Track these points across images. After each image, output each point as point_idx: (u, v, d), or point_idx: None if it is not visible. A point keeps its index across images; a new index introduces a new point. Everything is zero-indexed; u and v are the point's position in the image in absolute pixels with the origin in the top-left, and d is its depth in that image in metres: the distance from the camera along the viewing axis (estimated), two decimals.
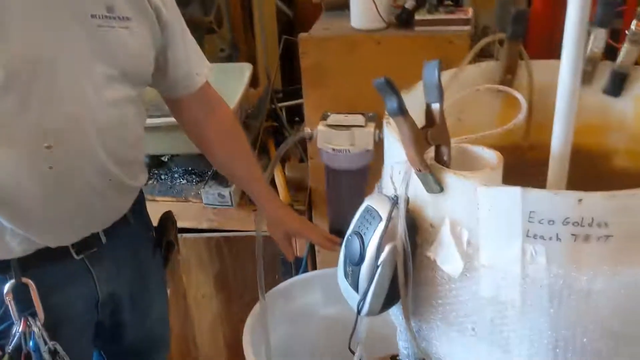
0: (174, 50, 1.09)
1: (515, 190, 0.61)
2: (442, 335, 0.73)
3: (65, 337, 1.07)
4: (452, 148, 0.69)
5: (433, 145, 0.66)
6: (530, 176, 0.67)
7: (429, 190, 0.67)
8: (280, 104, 1.78)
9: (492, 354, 0.70)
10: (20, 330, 1.00)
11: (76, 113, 0.93)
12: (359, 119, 1.31)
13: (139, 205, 1.20)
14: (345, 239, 0.74)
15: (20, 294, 1.00)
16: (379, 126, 1.32)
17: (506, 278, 0.64)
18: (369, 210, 0.72)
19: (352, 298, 0.75)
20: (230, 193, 1.52)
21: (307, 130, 1.35)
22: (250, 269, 1.68)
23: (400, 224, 0.69)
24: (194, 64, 1.15)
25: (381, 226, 0.69)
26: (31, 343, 1.01)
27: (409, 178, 0.68)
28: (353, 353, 0.83)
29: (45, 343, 1.02)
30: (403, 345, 0.80)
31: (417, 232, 0.71)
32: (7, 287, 0.99)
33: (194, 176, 1.70)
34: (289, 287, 1.54)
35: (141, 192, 1.19)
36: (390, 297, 0.73)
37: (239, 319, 1.75)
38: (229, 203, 1.54)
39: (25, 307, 1.01)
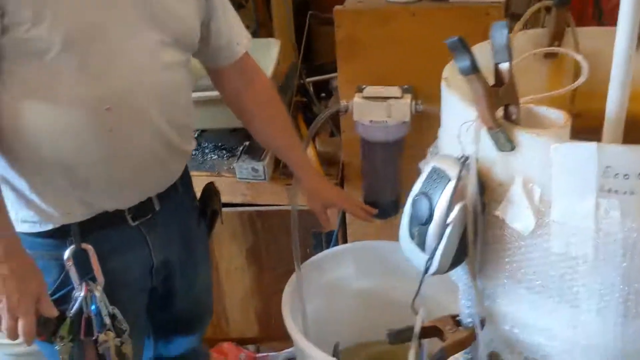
0: (217, 19, 1.12)
1: (592, 146, 0.62)
2: (509, 293, 0.75)
3: (121, 303, 1.10)
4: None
5: (504, 104, 0.67)
6: None
7: (500, 148, 0.68)
8: (308, 79, 1.78)
9: (559, 309, 0.72)
10: (82, 294, 1.02)
11: (132, 76, 0.97)
12: (395, 90, 1.32)
13: (186, 173, 1.22)
14: (411, 200, 0.76)
15: (80, 259, 1.03)
16: (415, 98, 1.33)
17: (579, 233, 0.66)
18: (436, 171, 0.73)
19: (418, 258, 0.76)
20: (263, 167, 1.53)
21: (343, 102, 1.35)
22: (283, 242, 1.69)
23: (471, 182, 0.70)
24: (235, 34, 1.17)
25: (451, 186, 0.70)
26: (93, 307, 1.03)
27: (479, 137, 0.69)
28: (416, 314, 0.84)
29: (106, 307, 1.04)
30: (465, 305, 0.81)
31: (484, 192, 0.72)
32: (67, 252, 1.02)
33: (224, 151, 1.71)
34: (322, 260, 1.56)
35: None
36: (458, 256, 0.74)
37: (270, 291, 1.77)
38: (262, 177, 1.55)
39: (84, 272, 1.04)
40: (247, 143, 1.61)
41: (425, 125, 1.41)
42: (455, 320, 0.84)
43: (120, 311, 1.09)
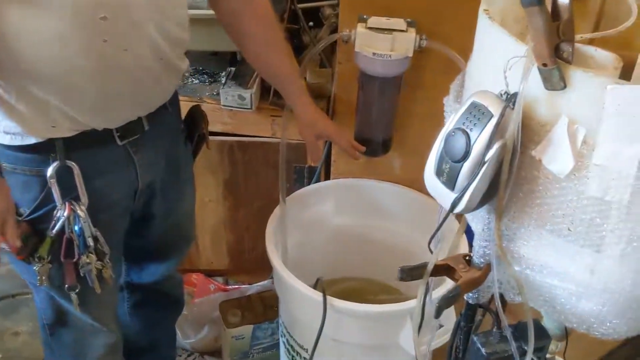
0: None
1: None
2: (532, 235, 0.75)
3: (104, 225, 1.06)
4: None
5: (563, 39, 0.65)
6: None
7: (550, 86, 0.66)
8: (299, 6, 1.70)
9: (581, 253, 0.72)
10: (65, 214, 0.97)
11: None
12: (400, 23, 1.28)
13: (176, 94, 1.17)
14: (443, 135, 0.73)
15: (64, 177, 0.98)
16: (419, 32, 1.29)
17: (619, 178, 0.65)
18: (477, 107, 0.70)
19: (444, 196, 0.74)
20: (251, 95, 1.47)
21: (345, 31, 1.30)
22: (262, 176, 1.66)
23: (514, 120, 0.68)
24: None
25: (492, 122, 0.68)
26: (76, 228, 0.98)
27: (528, 73, 0.67)
28: (431, 252, 0.84)
29: (89, 228, 1.00)
30: (481, 245, 0.81)
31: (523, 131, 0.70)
32: (50, 169, 0.96)
33: (205, 76, 1.63)
34: (304, 195, 1.55)
35: None
36: (486, 196, 0.73)
37: (244, 225, 1.76)
38: (249, 106, 1.49)
39: (67, 191, 0.99)
40: (232, 69, 1.54)
41: (423, 63, 1.38)
42: (467, 260, 0.84)
43: (102, 234, 1.05)
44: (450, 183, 0.73)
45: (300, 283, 1.26)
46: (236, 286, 1.82)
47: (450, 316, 1.24)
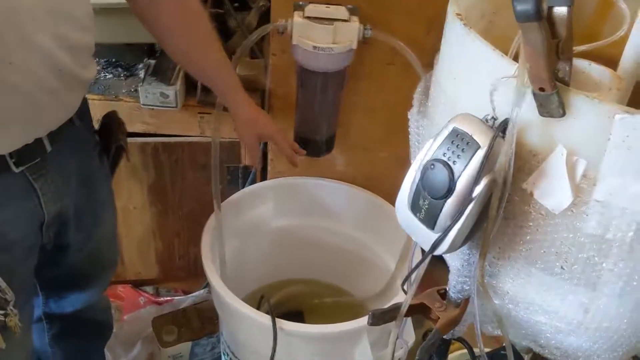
0: None
1: None
2: (520, 272, 0.67)
3: (4, 268, 0.88)
4: None
5: (562, 60, 0.55)
6: None
7: (546, 113, 0.57)
8: None
9: (575, 292, 0.65)
10: None
11: None
12: (342, 11, 1.15)
13: (84, 103, 1.00)
14: (419, 167, 0.63)
15: None
16: (363, 21, 1.17)
17: (622, 215, 0.58)
18: (459, 134, 0.60)
19: (422, 234, 0.65)
20: (175, 92, 1.30)
21: (281, 21, 1.16)
22: (191, 178, 1.51)
23: (505, 152, 0.59)
24: None
25: (480, 155, 0.59)
26: None
27: (522, 98, 0.57)
28: (405, 292, 0.74)
29: None
30: (458, 280, 0.73)
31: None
32: None
33: (120, 69, 1.44)
34: (240, 199, 1.43)
35: None
36: (471, 233, 0.64)
37: (173, 232, 1.62)
38: (173, 104, 1.33)
39: None
40: (151, 61, 1.36)
41: (366, 54, 1.27)
42: (441, 295, 0.76)
43: (2, 279, 0.88)
44: (430, 221, 0.63)
45: (244, 306, 1.14)
46: (168, 298, 1.68)
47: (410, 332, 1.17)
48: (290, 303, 1.56)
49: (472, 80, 0.64)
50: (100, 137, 1.08)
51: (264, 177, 1.50)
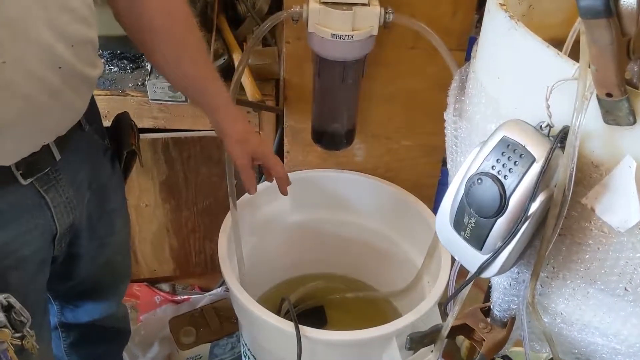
0: None
1: None
2: (576, 292, 0.61)
3: (17, 287, 0.84)
4: None
5: (633, 60, 0.48)
6: None
7: (612, 121, 0.50)
8: None
9: (637, 314, 0.59)
10: None
11: None
12: None
13: (93, 104, 0.94)
14: (463, 180, 0.56)
15: None
16: (384, 4, 1.10)
17: None
18: (510, 144, 0.53)
19: (467, 254, 0.59)
20: None
21: (295, 8, 1.09)
22: (204, 174, 1.45)
23: (565, 164, 0.52)
24: None
25: (536, 169, 0.52)
26: None
27: (586, 105, 0.50)
28: (447, 315, 0.68)
29: None
30: (505, 299, 0.66)
31: None
32: None
33: (125, 62, 1.38)
34: (256, 196, 1.35)
35: None
36: (523, 253, 0.58)
37: (189, 229, 1.57)
38: (183, 98, 1.27)
39: None
40: None
41: (386, 39, 1.20)
42: (484, 313, 0.70)
43: (16, 298, 0.83)
44: (477, 242, 0.57)
45: (266, 312, 1.09)
46: (185, 297, 1.64)
47: None
48: (311, 299, 1.52)
49: (520, 81, 0.57)
50: (111, 140, 1.03)
51: None
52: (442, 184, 1.46)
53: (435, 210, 1.34)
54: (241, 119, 1.05)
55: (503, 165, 0.54)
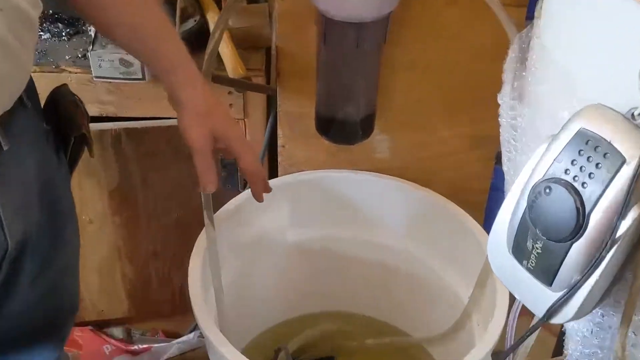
0: None
1: None
2: None
3: None
4: None
5: None
6: None
7: None
8: None
9: None
10: None
11: None
12: None
13: (30, 79, 0.96)
14: (525, 189, 0.57)
15: None
16: None
17: None
18: (590, 141, 0.54)
19: (531, 291, 0.60)
20: None
21: None
22: (170, 175, 1.48)
23: None
24: None
25: (627, 173, 0.52)
26: None
27: None
28: None
29: None
30: (586, 352, 0.67)
31: None
32: None
33: (61, 25, 1.41)
34: (241, 207, 1.39)
35: None
36: (609, 290, 0.58)
37: (148, 252, 1.62)
38: (139, 75, 1.29)
39: None
40: None
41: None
42: None
43: None
44: (545, 274, 0.58)
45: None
46: (145, 345, 1.67)
47: None
48: (317, 347, 1.55)
49: (607, 50, 0.56)
50: (56, 123, 1.05)
51: (273, 172, 1.48)
52: (495, 189, 1.47)
53: (486, 225, 1.35)
54: (202, 84, 1.07)
55: (581, 168, 0.54)
